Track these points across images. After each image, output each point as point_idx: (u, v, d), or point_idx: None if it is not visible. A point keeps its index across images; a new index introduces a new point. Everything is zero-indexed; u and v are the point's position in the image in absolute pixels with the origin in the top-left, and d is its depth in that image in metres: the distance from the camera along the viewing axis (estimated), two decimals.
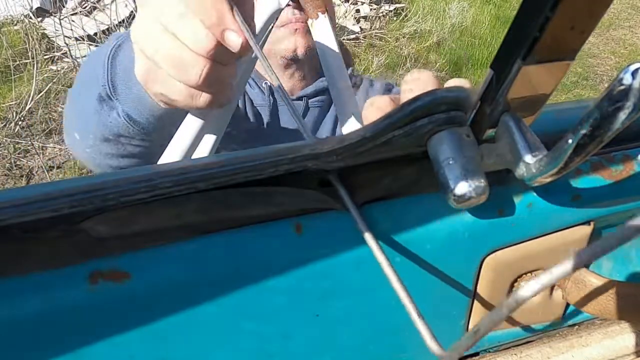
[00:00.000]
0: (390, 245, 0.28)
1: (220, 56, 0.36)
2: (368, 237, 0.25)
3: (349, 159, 0.25)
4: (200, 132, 0.45)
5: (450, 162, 0.24)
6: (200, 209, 0.25)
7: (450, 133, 0.25)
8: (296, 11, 0.72)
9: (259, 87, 0.80)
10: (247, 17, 0.38)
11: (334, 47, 0.52)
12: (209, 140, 0.50)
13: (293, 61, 0.76)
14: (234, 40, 0.35)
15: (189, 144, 0.45)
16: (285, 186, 0.26)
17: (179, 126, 0.48)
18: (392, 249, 0.28)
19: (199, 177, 0.23)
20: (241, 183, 0.24)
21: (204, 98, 0.38)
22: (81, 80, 0.54)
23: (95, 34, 2.74)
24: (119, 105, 0.48)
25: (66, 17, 2.73)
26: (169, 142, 0.46)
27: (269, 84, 0.79)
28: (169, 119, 0.48)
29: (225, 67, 0.38)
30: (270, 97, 0.80)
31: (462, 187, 0.24)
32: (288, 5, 0.70)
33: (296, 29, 0.73)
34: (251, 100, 0.80)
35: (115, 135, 0.51)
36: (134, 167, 0.28)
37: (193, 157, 0.46)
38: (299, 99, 0.81)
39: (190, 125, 0.46)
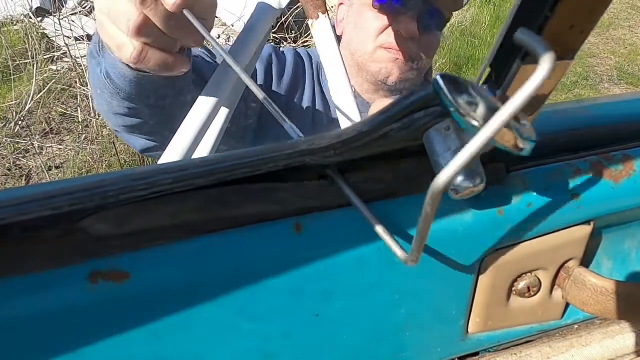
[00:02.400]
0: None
1: (153, 12, 0.40)
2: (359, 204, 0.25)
3: (347, 153, 0.25)
4: (201, 131, 0.45)
5: (447, 154, 0.24)
6: (199, 207, 0.25)
7: (446, 126, 0.25)
8: (406, 41, 0.73)
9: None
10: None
11: (334, 47, 0.52)
12: (209, 141, 0.50)
13: (383, 84, 0.77)
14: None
15: (189, 143, 0.45)
16: (283, 181, 0.26)
17: (155, 100, 0.55)
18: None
19: (198, 174, 0.23)
20: (240, 179, 0.24)
21: (131, 49, 0.42)
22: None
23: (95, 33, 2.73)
24: (103, 62, 0.52)
25: (66, 17, 2.73)
26: (152, 118, 0.51)
27: (355, 90, 0.81)
28: (138, 87, 0.52)
29: (160, 29, 0.41)
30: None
31: (460, 178, 0.24)
32: (399, 31, 0.70)
33: (397, 59, 0.74)
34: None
35: (102, 91, 0.55)
36: (135, 167, 0.28)
37: (193, 157, 0.46)
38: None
39: (191, 125, 0.46)
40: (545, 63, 0.17)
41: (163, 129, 0.63)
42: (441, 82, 0.20)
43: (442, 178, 0.19)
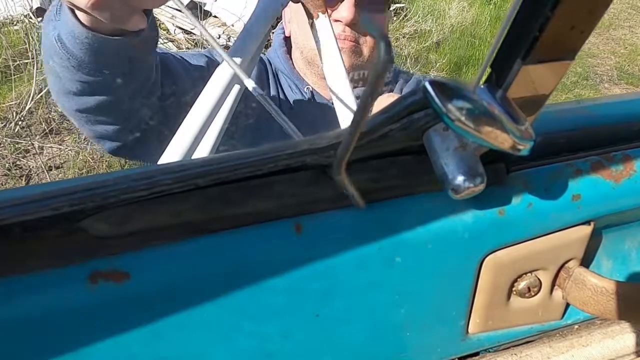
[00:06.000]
0: (391, 245, 0.28)
1: None
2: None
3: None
4: (201, 131, 0.45)
5: (447, 153, 0.24)
6: (199, 207, 0.25)
7: (445, 126, 0.25)
8: (347, 29, 0.74)
9: (301, 92, 0.82)
10: None
11: (334, 47, 0.52)
12: (209, 141, 0.50)
13: None
14: None
15: (189, 143, 0.45)
16: (283, 180, 0.26)
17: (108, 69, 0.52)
18: (392, 249, 0.28)
19: (198, 173, 0.23)
20: (241, 179, 0.24)
21: None
22: None
23: None
24: (58, 26, 0.51)
25: None
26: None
27: (311, 89, 0.81)
28: (89, 50, 0.50)
29: None
30: (312, 100, 0.81)
31: (460, 178, 0.24)
32: (339, 21, 0.71)
33: (342, 47, 0.74)
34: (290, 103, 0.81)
35: (53, 60, 0.53)
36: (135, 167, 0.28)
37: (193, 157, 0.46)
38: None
39: (190, 125, 0.46)
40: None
41: (120, 117, 0.61)
42: (430, 88, 0.21)
43: None
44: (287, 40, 0.85)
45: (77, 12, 0.48)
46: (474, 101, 0.21)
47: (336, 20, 0.73)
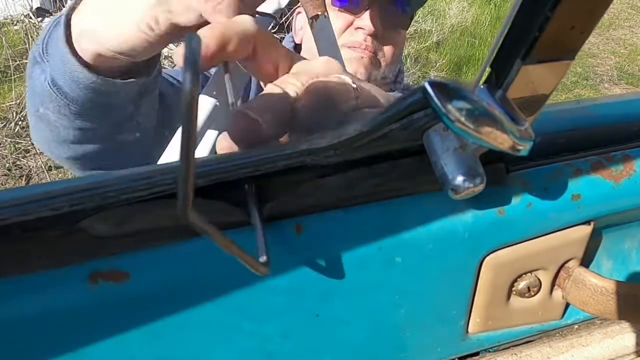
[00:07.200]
0: (390, 245, 0.28)
1: None
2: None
3: (347, 153, 0.25)
4: (201, 131, 0.45)
5: (446, 154, 0.24)
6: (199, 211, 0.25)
7: (445, 126, 0.25)
8: (369, 39, 0.72)
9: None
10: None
11: (335, 47, 0.52)
12: (209, 141, 0.50)
13: None
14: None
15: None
16: (282, 182, 0.26)
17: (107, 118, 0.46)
18: (392, 249, 0.28)
19: (198, 174, 0.23)
20: (240, 179, 0.24)
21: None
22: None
23: None
24: (48, 68, 0.46)
25: None
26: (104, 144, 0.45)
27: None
28: (93, 96, 0.45)
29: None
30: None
31: (460, 178, 0.24)
32: (361, 29, 0.70)
33: (362, 57, 0.73)
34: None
35: (45, 108, 0.47)
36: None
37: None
38: None
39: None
40: None
41: (119, 159, 0.55)
42: (429, 88, 0.21)
43: None
44: (297, 48, 0.84)
45: (83, 53, 0.42)
46: (474, 101, 0.21)
47: (358, 28, 0.72)
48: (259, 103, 0.28)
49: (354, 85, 0.30)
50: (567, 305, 0.37)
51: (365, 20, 0.71)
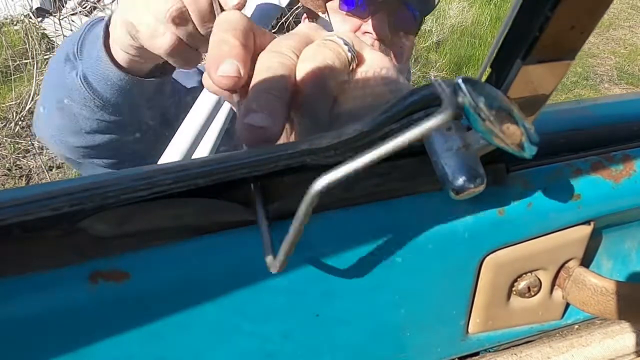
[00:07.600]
0: (391, 245, 0.28)
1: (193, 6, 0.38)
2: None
3: (347, 153, 0.25)
4: (201, 131, 0.45)
5: (447, 154, 0.24)
6: (200, 210, 0.25)
7: (447, 126, 0.25)
8: (376, 43, 0.71)
9: None
10: None
11: None
12: (209, 141, 0.50)
13: None
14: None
15: (189, 143, 0.45)
16: (283, 182, 0.26)
17: (130, 113, 0.51)
18: (392, 249, 0.28)
19: (198, 174, 0.23)
20: (241, 180, 0.24)
21: (165, 38, 0.40)
22: (60, 48, 0.57)
23: None
24: (80, 65, 0.50)
25: (66, 17, 2.73)
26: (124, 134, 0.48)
27: None
28: (119, 92, 0.50)
29: (197, 25, 0.40)
30: None
31: (461, 178, 0.24)
32: (369, 33, 0.69)
33: None
34: None
35: (70, 98, 0.52)
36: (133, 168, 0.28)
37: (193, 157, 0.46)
38: None
39: (190, 125, 0.46)
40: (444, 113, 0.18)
41: (120, 155, 0.59)
42: (463, 85, 0.20)
43: (321, 182, 0.20)
44: None
45: (118, 55, 0.47)
46: (503, 100, 0.21)
47: (366, 33, 0.71)
48: (260, 103, 0.28)
49: (349, 55, 0.32)
50: (567, 305, 0.37)
51: (373, 25, 0.71)
